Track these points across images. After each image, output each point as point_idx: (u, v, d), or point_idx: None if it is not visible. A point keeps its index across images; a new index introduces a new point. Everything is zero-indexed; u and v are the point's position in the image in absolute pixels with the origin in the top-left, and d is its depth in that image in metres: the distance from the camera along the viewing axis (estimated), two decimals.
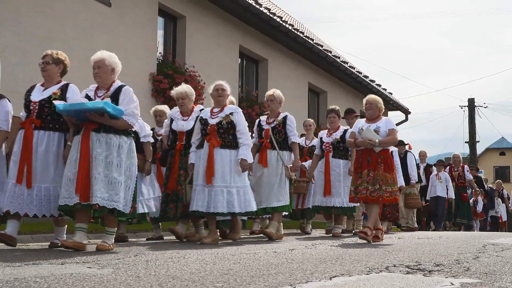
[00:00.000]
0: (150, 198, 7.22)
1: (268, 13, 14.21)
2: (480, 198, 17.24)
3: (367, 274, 3.63)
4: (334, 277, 3.46)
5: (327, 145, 8.72)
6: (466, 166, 15.09)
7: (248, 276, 3.45)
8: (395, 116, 38.05)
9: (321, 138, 8.88)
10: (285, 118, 7.73)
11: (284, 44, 16.11)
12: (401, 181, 10.27)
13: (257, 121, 7.97)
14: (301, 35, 15.80)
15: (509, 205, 20.52)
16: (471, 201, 16.44)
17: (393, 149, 10.44)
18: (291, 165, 7.65)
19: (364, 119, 7.48)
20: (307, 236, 9.07)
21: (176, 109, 7.31)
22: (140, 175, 6.93)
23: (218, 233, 7.32)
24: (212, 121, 6.70)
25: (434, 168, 14.69)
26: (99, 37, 10.63)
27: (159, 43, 12.59)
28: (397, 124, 23.60)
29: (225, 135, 6.68)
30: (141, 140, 7.17)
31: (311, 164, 8.90)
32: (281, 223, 7.90)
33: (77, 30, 10.17)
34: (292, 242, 6.88)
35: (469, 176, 14.84)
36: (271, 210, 7.54)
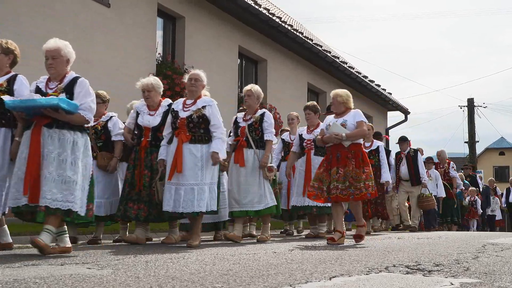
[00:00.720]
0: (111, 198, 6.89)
1: (267, 14, 14.22)
2: (478, 198, 16.98)
3: (366, 274, 3.63)
4: (333, 277, 3.46)
5: (308, 142, 8.27)
6: (452, 162, 14.69)
7: (248, 276, 3.44)
8: (395, 116, 38.04)
9: (300, 135, 8.44)
10: (262, 115, 7.24)
11: (283, 44, 16.12)
12: (386, 177, 10.14)
13: (233, 118, 7.51)
14: (300, 35, 15.81)
15: (502, 203, 20.12)
16: (466, 200, 16.22)
17: (379, 143, 10.35)
18: (271, 164, 7.24)
19: (334, 114, 7.17)
20: (290, 237, 8.74)
21: (142, 102, 6.85)
22: (107, 174, 6.76)
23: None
24: (183, 114, 6.28)
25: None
26: (99, 38, 10.64)
27: (158, 44, 12.60)
28: (397, 124, 23.69)
29: (196, 129, 6.22)
30: (113, 138, 6.91)
31: (288, 161, 8.46)
32: (269, 224, 7.58)
33: (76, 30, 10.17)
34: (292, 243, 6.88)
35: (453, 173, 14.46)
36: (254, 214, 7.18)
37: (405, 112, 23.32)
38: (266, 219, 7.40)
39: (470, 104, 32.21)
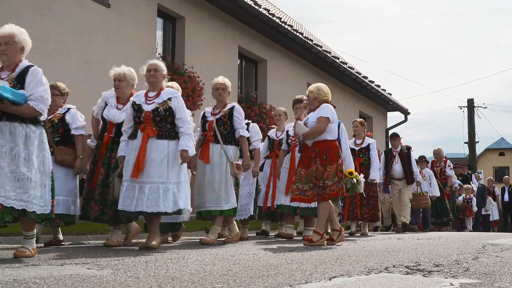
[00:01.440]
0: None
1: (267, 14, 14.23)
2: (473, 196, 16.44)
3: (366, 274, 3.63)
4: (333, 277, 3.46)
5: (294, 139, 7.77)
6: (449, 161, 14.16)
7: (248, 277, 3.44)
8: (395, 116, 38.05)
9: (287, 132, 8.02)
10: (232, 109, 6.83)
11: (283, 44, 16.12)
12: (374, 175, 9.58)
13: (201, 112, 7.08)
14: (300, 35, 15.82)
15: (499, 204, 19.74)
16: (460, 198, 15.79)
17: (370, 141, 9.78)
18: (238, 162, 6.79)
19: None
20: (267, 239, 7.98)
21: (113, 92, 6.46)
22: (65, 170, 6.39)
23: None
24: (147, 108, 5.81)
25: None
26: (98, 38, 10.64)
27: (158, 44, 12.60)
28: (397, 125, 23.68)
29: (162, 123, 5.77)
30: (72, 132, 6.48)
31: (278, 160, 8.11)
32: (234, 223, 7.30)
33: (76, 31, 10.17)
34: (291, 243, 6.88)
35: (449, 172, 13.90)
36: (219, 213, 6.65)
37: (405, 112, 23.32)
38: (219, 220, 6.77)
39: (470, 104, 32.21)
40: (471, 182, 17.43)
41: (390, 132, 23.54)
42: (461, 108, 32.93)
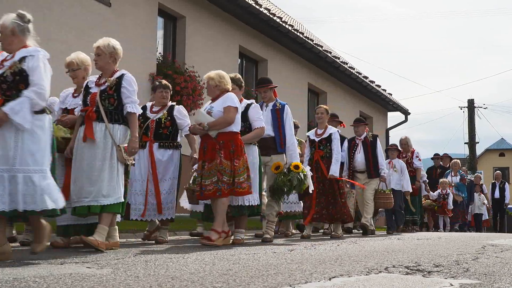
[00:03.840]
0: None
1: (268, 14, 14.22)
2: (449, 191, 14.38)
3: (366, 274, 3.64)
4: (333, 277, 3.46)
5: (243, 124, 6.81)
6: (416, 151, 12.39)
7: (248, 276, 3.44)
8: (395, 116, 38.10)
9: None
10: (120, 78, 5.55)
11: (284, 44, 16.12)
12: (333, 170, 8.39)
13: (85, 83, 5.80)
14: (301, 35, 15.81)
15: (488, 202, 17.96)
16: (435, 193, 14.13)
17: (333, 130, 8.62)
18: (127, 144, 5.50)
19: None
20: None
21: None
22: None
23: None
24: None
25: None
26: (99, 37, 10.59)
27: (159, 43, 12.60)
28: (397, 125, 23.66)
29: (12, 91, 4.48)
30: None
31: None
32: (116, 227, 5.79)
33: (76, 30, 10.17)
34: (291, 243, 6.88)
35: (417, 163, 12.23)
36: (99, 209, 5.33)
37: (406, 112, 23.30)
38: (105, 218, 5.43)
39: (470, 105, 32.22)
40: (466, 177, 16.01)
41: (391, 132, 23.64)
42: (461, 109, 32.97)
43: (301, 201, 8.56)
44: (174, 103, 6.99)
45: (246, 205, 6.55)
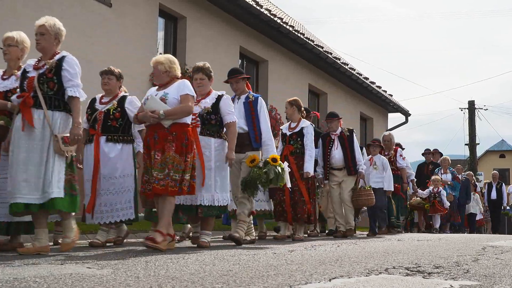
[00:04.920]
0: None
1: (269, 14, 14.23)
2: (442, 188, 13.10)
3: (366, 275, 3.63)
4: (333, 278, 3.46)
5: (194, 117, 6.12)
6: (399, 149, 11.45)
7: (248, 277, 3.44)
8: (396, 117, 38.06)
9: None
10: (61, 60, 5.14)
11: (285, 45, 16.13)
12: (307, 167, 7.84)
13: (23, 67, 5.35)
14: (301, 36, 15.82)
15: (483, 202, 17.10)
16: (425, 191, 12.95)
17: (306, 124, 8.10)
18: (66, 134, 5.03)
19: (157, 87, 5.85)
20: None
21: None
22: None
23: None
24: None
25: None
26: (99, 38, 10.64)
27: (159, 44, 12.60)
28: (398, 126, 23.68)
29: None
30: None
31: None
32: (45, 229, 5.12)
33: (77, 31, 10.17)
34: (291, 244, 6.87)
35: (401, 162, 11.21)
36: (37, 208, 4.91)
37: (406, 114, 23.31)
38: (42, 215, 5.04)
39: (471, 106, 32.22)
40: (459, 176, 14.71)
41: (395, 133, 23.60)
42: (461, 110, 32.96)
43: (271, 200, 7.85)
44: (127, 94, 6.46)
45: (216, 205, 6.08)
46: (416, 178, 12.79)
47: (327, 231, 9.88)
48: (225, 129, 6.40)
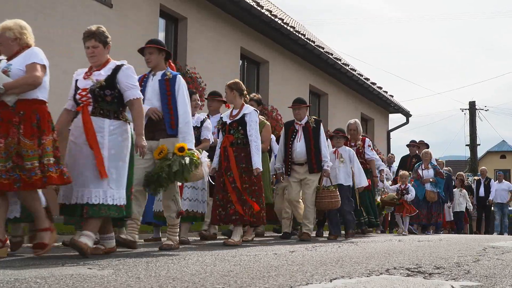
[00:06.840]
0: None
1: (270, 15, 14.24)
2: (410, 185, 11.47)
3: (367, 276, 3.63)
4: (334, 279, 3.46)
5: (84, 92, 5.00)
6: (367, 139, 10.01)
7: (249, 278, 3.45)
8: (396, 118, 38.03)
9: (76, 81, 5.14)
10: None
11: (285, 46, 16.13)
12: (255, 161, 6.54)
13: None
14: (302, 37, 15.83)
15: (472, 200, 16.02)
16: (393, 187, 11.40)
17: (249, 110, 6.82)
18: None
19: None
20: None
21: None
22: None
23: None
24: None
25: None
26: None
27: None
28: (398, 127, 23.67)
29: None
30: None
31: (58, 120, 5.02)
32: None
33: (78, 31, 10.17)
34: (293, 244, 6.87)
35: (370, 154, 9.75)
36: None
37: (407, 114, 23.31)
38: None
39: (472, 107, 32.24)
40: (442, 171, 12.74)
41: (392, 134, 23.63)
42: (462, 111, 33.01)
43: (207, 201, 7.03)
44: None
45: (110, 204, 4.79)
46: (400, 171, 11.90)
47: (281, 234, 8.48)
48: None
